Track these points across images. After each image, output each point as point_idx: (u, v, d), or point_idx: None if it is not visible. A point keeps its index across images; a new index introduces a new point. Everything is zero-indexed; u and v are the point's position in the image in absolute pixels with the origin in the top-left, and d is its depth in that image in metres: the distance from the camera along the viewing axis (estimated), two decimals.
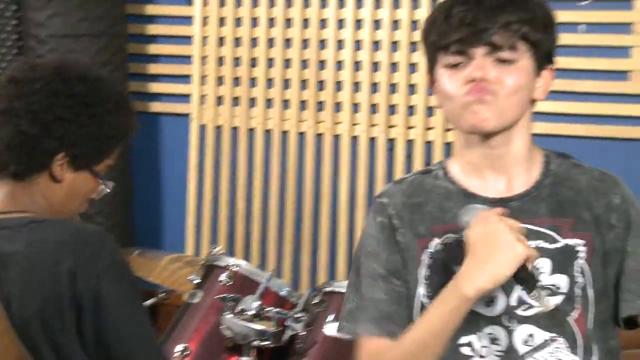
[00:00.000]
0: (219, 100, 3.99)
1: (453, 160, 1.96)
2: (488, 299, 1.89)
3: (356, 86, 3.74)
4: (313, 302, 2.73)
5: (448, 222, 1.90)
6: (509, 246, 1.70)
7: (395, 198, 1.95)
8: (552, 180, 1.92)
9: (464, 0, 1.83)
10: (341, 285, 2.71)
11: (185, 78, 4.09)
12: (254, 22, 3.90)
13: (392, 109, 3.68)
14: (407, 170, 3.64)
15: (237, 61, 3.95)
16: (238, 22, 3.88)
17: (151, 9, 4.08)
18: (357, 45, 3.75)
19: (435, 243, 1.90)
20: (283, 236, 3.95)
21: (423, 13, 3.60)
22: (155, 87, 4.08)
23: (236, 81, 3.97)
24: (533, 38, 1.79)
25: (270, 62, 3.89)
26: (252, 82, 3.92)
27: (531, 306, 1.90)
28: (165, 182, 4.24)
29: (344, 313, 2.00)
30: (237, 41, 3.94)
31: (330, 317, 2.66)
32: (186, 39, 4.04)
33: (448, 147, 3.60)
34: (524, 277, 1.75)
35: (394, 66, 3.68)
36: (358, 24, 3.73)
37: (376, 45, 3.71)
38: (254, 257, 3.98)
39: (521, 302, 1.89)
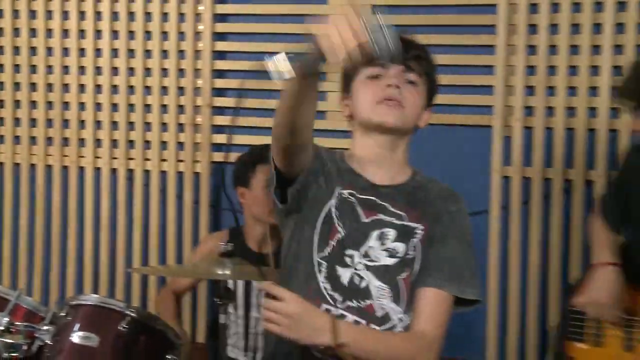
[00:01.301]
0: None
1: (350, 151, 2.13)
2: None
3: (98, 124, 3.68)
4: (60, 315, 2.62)
5: (342, 182, 2.09)
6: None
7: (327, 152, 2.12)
8: (414, 185, 2.10)
9: None
10: (86, 298, 2.71)
11: None
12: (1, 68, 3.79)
13: (130, 144, 3.65)
14: (145, 198, 3.67)
15: None
16: None
17: None
18: (98, 89, 3.68)
19: (338, 190, 2.07)
20: (33, 258, 3.80)
21: (154, 63, 3.59)
22: None
23: None
24: (430, 77, 2.07)
25: (17, 104, 3.77)
26: (0, 121, 3.79)
27: (376, 260, 2.05)
28: None
29: None
30: None
31: (76, 327, 2.58)
32: None
33: (180, 176, 3.63)
34: None
35: (131, 107, 3.65)
36: (98, 70, 3.68)
37: (115, 88, 3.67)
38: (5, 278, 3.80)
39: (369, 254, 2.05)
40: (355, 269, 2.06)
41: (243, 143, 3.46)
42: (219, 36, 3.59)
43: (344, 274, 2.05)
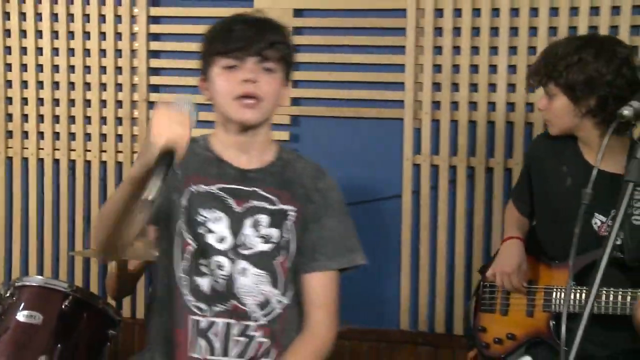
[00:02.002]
0: None
1: (213, 136, 2.03)
2: (220, 237, 1.97)
3: (40, 118, 3.63)
4: (6, 296, 2.67)
5: (204, 176, 1.98)
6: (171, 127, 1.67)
7: None
8: (281, 164, 2.02)
9: (243, 20, 1.94)
10: (31, 279, 2.77)
11: None
12: None
13: (72, 136, 3.61)
14: (86, 186, 3.63)
15: None
16: None
17: None
18: (40, 85, 3.63)
19: (193, 187, 1.96)
20: None
21: (93, 61, 3.53)
22: None
23: None
24: (287, 58, 1.95)
25: None
26: None
27: (251, 247, 1.99)
28: None
29: None
30: None
31: (21, 306, 2.63)
32: None
33: (119, 166, 3.60)
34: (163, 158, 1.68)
35: (72, 102, 3.59)
36: (39, 67, 3.60)
37: (56, 84, 3.61)
38: None
39: (245, 243, 1.98)
40: (216, 277, 1.99)
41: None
42: (154, 36, 3.57)
43: (203, 283, 1.99)
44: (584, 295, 2.32)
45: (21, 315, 2.61)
